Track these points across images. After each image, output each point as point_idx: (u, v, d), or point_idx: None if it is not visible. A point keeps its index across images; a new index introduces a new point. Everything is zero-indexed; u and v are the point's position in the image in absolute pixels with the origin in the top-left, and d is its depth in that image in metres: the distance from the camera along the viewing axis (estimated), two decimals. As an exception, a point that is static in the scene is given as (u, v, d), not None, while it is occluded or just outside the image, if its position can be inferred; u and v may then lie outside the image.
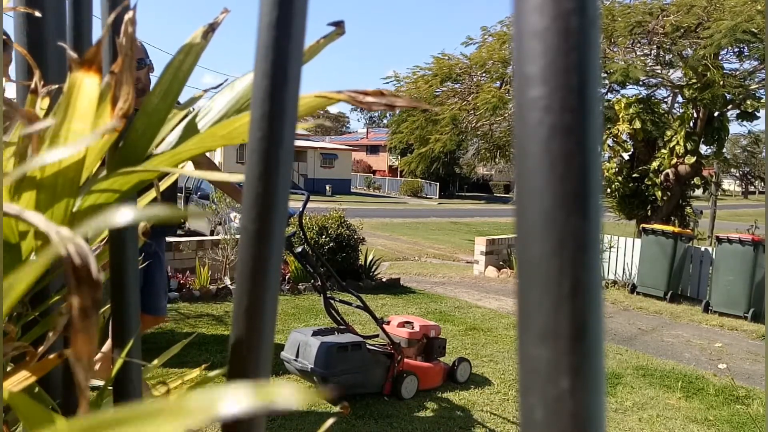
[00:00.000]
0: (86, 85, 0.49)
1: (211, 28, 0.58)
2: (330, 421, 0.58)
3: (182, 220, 14.33)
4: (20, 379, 0.49)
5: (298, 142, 36.74)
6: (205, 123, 0.59)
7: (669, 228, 9.62)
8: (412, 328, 4.85)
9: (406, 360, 4.70)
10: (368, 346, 4.49)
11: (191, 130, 0.59)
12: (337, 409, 4.38)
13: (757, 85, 10.17)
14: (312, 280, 4.75)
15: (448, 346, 6.36)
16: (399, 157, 30.03)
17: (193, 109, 0.62)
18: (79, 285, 0.34)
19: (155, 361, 0.73)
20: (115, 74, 0.51)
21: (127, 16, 0.52)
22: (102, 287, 0.36)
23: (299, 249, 4.49)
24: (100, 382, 0.66)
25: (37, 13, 0.62)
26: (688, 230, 10.16)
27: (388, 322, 4.96)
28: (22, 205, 0.51)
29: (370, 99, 0.48)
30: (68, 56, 0.50)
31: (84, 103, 0.49)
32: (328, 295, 4.62)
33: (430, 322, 5.12)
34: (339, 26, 0.52)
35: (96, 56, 0.48)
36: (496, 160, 15.45)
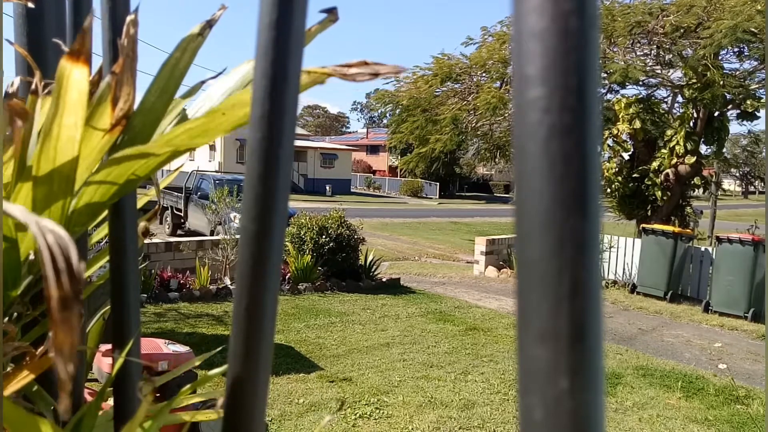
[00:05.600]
0: (74, 75, 0.48)
1: (209, 25, 0.58)
2: (327, 419, 0.58)
3: (182, 219, 14.34)
4: (19, 379, 0.49)
5: (298, 142, 36.75)
6: (201, 114, 0.59)
7: (669, 228, 9.62)
8: None
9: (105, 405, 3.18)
10: None
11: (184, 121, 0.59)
12: (336, 408, 4.38)
13: (757, 85, 10.17)
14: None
15: (447, 346, 6.35)
16: (399, 157, 30.05)
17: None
18: (58, 275, 0.33)
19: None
20: (116, 75, 0.51)
21: (129, 17, 0.52)
22: (83, 280, 0.34)
23: None
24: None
25: (30, 4, 0.62)
26: (688, 230, 10.16)
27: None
28: (20, 203, 0.51)
29: (354, 70, 0.48)
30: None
31: (73, 95, 0.49)
32: None
33: (172, 348, 3.55)
34: (332, 13, 0.52)
35: (83, 46, 0.48)
36: (496, 160, 15.46)
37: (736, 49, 10.22)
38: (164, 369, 3.41)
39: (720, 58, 10.25)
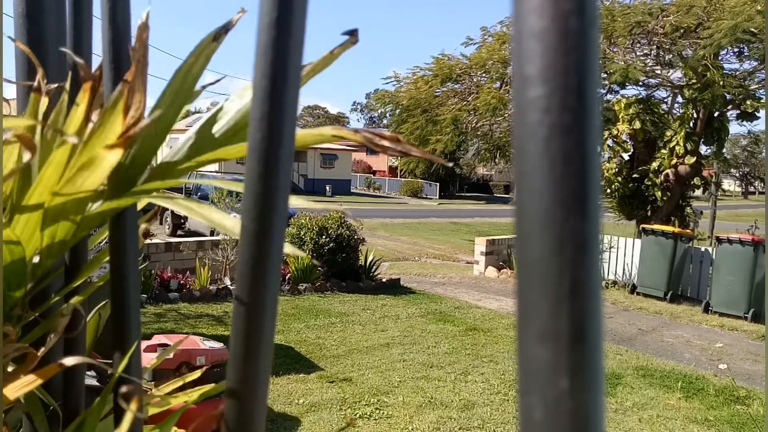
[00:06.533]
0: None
1: (225, 30, 0.58)
2: (325, 417, 0.58)
3: (182, 219, 14.35)
4: (23, 384, 0.49)
5: (298, 143, 36.57)
6: (216, 130, 0.59)
7: (669, 228, 9.62)
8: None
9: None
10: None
11: (205, 136, 0.58)
12: (335, 409, 4.38)
13: (757, 85, 10.17)
14: None
15: (447, 347, 6.35)
16: (399, 157, 29.99)
17: (193, 109, 0.62)
18: None
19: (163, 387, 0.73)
20: (128, 83, 0.50)
21: (140, 20, 0.52)
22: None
23: None
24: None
25: None
26: (688, 230, 10.17)
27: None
28: (26, 214, 0.51)
29: (386, 143, 0.49)
30: (73, 61, 0.50)
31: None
32: None
33: (207, 344, 3.79)
34: (353, 35, 0.52)
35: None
36: (496, 160, 15.47)
37: (736, 49, 10.22)
38: (201, 364, 3.65)
39: (720, 58, 10.26)
